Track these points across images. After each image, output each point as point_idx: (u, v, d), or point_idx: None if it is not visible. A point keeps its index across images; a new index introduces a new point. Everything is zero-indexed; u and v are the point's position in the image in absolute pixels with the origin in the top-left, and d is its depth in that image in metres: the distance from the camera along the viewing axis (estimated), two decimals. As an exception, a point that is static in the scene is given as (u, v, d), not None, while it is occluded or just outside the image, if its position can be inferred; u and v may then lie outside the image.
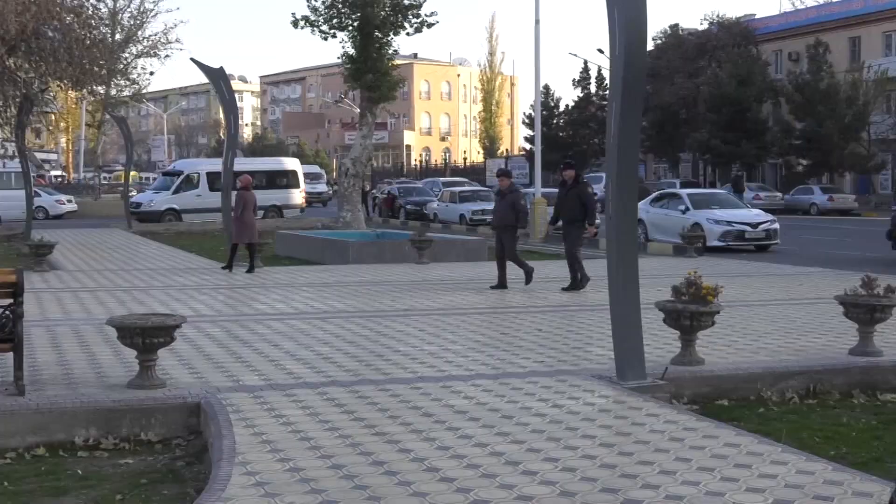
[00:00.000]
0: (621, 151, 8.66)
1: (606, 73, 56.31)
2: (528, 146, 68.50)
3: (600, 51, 57.12)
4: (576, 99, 72.06)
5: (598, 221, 16.29)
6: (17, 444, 7.69)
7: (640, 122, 8.92)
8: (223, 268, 19.67)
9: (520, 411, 7.91)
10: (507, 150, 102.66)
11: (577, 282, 16.16)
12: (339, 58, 32.72)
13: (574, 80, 73.00)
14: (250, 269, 19.19)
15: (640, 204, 25.20)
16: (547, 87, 70.31)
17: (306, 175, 48.57)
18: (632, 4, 8.53)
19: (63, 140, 78.36)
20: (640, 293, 9.04)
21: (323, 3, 31.15)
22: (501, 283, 16.42)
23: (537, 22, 32.62)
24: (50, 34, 25.36)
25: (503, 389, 8.69)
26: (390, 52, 31.95)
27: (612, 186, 8.86)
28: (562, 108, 72.44)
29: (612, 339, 9.16)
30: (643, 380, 8.80)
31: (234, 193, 20.38)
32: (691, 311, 9.39)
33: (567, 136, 70.12)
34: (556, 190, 20.57)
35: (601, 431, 7.31)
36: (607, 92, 45.06)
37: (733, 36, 65.13)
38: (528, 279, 16.67)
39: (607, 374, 9.14)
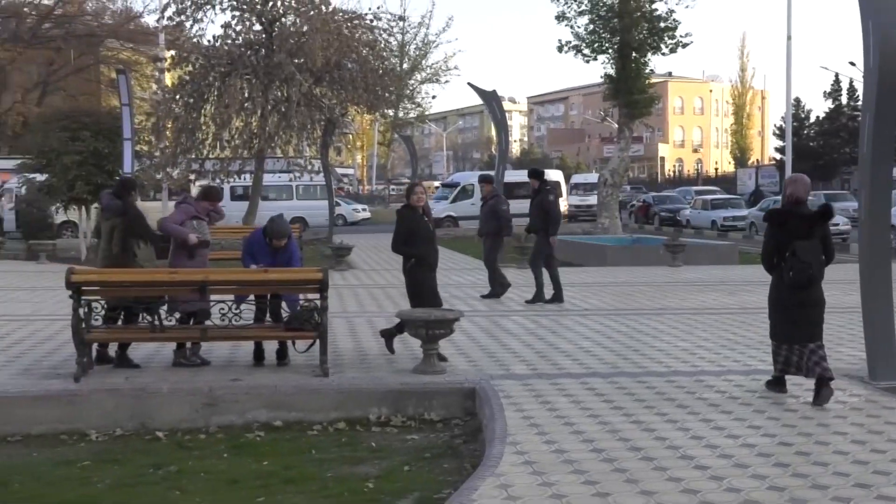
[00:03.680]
0: (875, 163, 8.19)
1: (858, 85, 53.11)
2: (778, 156, 65.57)
3: (852, 63, 53.70)
4: (826, 111, 68.21)
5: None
6: (322, 419, 8.14)
7: (894, 133, 8.36)
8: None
9: (771, 406, 7.59)
10: (757, 160, 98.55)
11: (559, 293, 14.23)
12: (601, 77, 32.62)
13: (825, 92, 68.94)
14: None
15: (894, 210, 23.52)
16: (797, 100, 66.90)
17: (582, 185, 48.85)
18: (887, 15, 8.00)
19: (359, 157, 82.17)
20: (894, 296, 8.46)
21: (585, 29, 31.16)
22: (494, 293, 15.11)
23: (789, 38, 31.18)
24: (349, 66, 26.57)
25: (754, 385, 8.38)
26: (647, 71, 31.52)
27: (865, 195, 8.40)
28: (812, 119, 68.81)
29: (864, 340, 8.64)
30: (895, 380, 8.24)
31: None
32: (947, 315, 8.70)
33: (817, 145, 66.51)
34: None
35: (853, 429, 6.91)
36: (859, 103, 42.08)
37: None
38: (502, 291, 15.07)
39: (858, 374, 8.64)
